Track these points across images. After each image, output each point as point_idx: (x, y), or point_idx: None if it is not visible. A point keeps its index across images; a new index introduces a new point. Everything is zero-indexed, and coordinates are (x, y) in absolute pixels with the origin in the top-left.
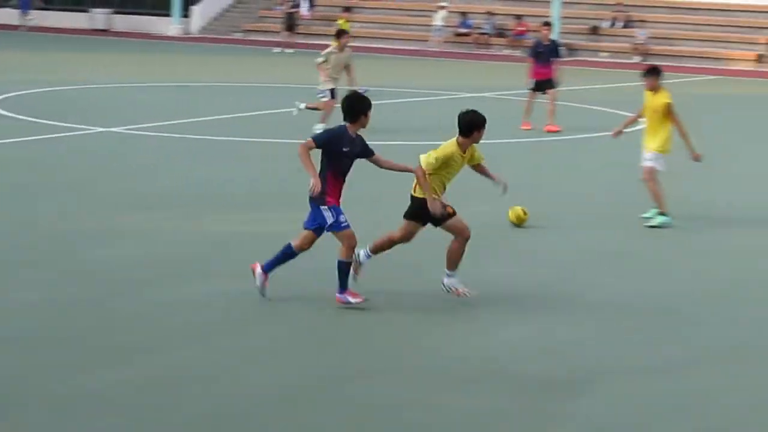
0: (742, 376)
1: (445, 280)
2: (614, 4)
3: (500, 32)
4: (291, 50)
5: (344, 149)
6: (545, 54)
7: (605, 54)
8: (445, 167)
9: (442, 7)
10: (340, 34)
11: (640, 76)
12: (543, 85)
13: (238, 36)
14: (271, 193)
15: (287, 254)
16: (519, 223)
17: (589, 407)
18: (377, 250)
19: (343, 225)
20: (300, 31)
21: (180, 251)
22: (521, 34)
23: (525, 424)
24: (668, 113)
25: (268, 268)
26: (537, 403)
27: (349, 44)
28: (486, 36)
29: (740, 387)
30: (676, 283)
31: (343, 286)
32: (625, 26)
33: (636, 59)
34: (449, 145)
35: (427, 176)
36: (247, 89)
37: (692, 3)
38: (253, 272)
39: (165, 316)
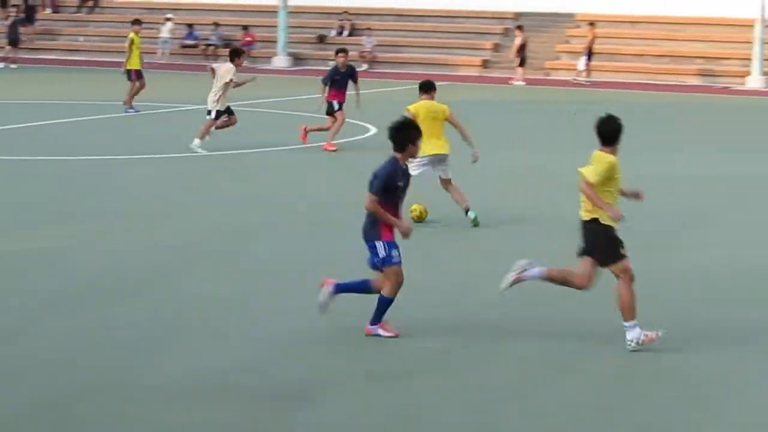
0: (461, 384)
1: (628, 335)
2: (340, 13)
3: (227, 43)
4: (15, 65)
5: (399, 183)
6: (342, 80)
7: (333, 63)
8: (609, 182)
9: (169, 20)
10: (240, 53)
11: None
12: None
13: None
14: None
15: (361, 290)
16: (421, 219)
17: (318, 417)
18: (552, 279)
19: (394, 260)
20: (23, 46)
21: None
22: (249, 44)
23: None
24: None
25: (338, 290)
26: (265, 415)
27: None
28: (213, 47)
29: (461, 393)
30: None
31: (376, 319)
32: (351, 34)
33: (364, 67)
34: (604, 156)
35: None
36: None
37: (418, 10)
38: (322, 286)
39: None
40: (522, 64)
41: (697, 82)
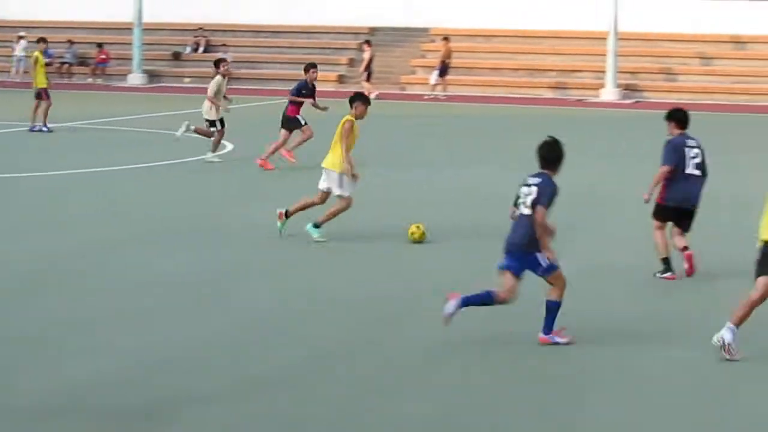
0: (326, 397)
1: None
2: (195, 29)
3: (82, 61)
4: None
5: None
6: (307, 95)
7: (188, 80)
8: None
9: (22, 37)
10: (221, 62)
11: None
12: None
13: None
14: None
15: (485, 301)
16: (421, 239)
17: None
18: (742, 320)
19: (556, 265)
20: None
21: None
22: (103, 62)
23: None
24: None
25: (463, 304)
26: None
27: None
28: (68, 65)
29: (325, 407)
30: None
31: (550, 327)
32: (206, 51)
33: None
34: None
35: None
36: None
37: (274, 26)
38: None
39: None
40: (369, 78)
41: (552, 95)
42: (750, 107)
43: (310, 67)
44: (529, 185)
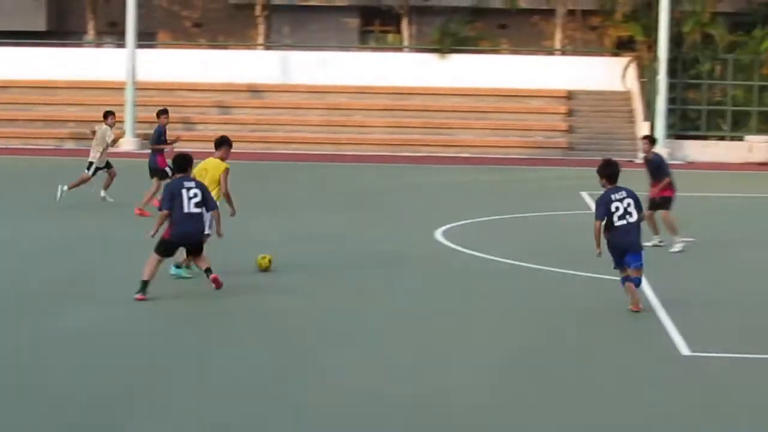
0: None
1: None
2: None
3: None
4: None
5: None
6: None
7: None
8: None
9: None
10: (109, 114)
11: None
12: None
13: None
14: None
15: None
16: (266, 268)
17: None
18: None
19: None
20: None
21: None
22: None
23: None
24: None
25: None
26: None
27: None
28: None
29: None
30: None
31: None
32: None
33: None
34: None
35: None
36: None
37: None
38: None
39: None
40: None
41: (74, 146)
42: (267, 155)
43: (163, 112)
44: (621, 200)
